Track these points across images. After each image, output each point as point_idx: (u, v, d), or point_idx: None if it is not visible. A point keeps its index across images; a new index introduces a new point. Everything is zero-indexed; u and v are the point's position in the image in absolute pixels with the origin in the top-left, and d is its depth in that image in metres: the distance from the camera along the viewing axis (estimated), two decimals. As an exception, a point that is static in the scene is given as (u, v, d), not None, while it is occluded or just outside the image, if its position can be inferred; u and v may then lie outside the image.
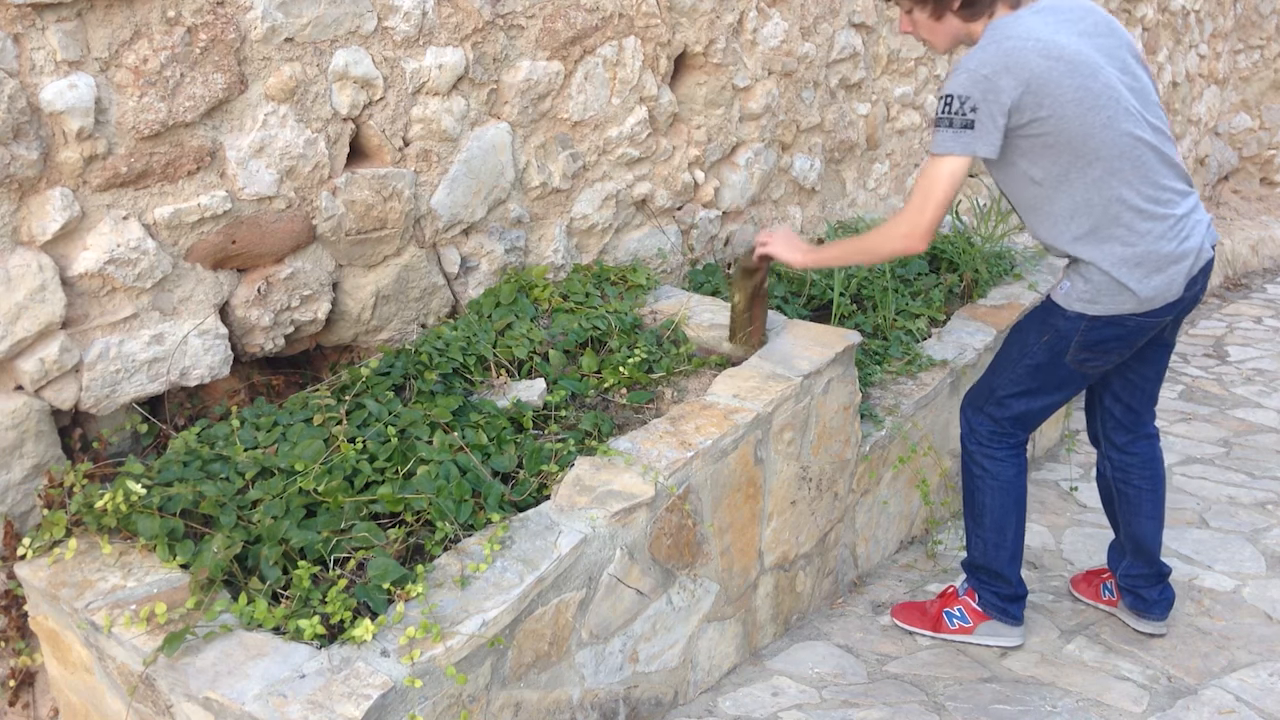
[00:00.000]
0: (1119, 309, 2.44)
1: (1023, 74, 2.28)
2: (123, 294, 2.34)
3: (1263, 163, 8.11)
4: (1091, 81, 2.32)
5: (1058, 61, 2.30)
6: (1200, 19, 7.21)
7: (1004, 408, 2.68)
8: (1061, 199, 2.40)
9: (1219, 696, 2.58)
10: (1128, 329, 2.47)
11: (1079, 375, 2.59)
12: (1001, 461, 2.72)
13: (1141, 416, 2.77)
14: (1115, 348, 2.52)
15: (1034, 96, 2.28)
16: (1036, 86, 2.28)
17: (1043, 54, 2.29)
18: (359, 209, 2.69)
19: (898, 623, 2.95)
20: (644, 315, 3.12)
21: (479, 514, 2.24)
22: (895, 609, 2.99)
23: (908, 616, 2.95)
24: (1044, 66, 2.28)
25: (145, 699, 1.92)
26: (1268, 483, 3.79)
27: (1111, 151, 2.34)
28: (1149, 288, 2.40)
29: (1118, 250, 2.39)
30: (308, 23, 2.50)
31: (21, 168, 2.11)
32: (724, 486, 2.56)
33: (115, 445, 2.43)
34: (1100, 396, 2.78)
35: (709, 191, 3.80)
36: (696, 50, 3.58)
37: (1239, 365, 5.22)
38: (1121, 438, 2.78)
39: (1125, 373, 2.70)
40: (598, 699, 2.31)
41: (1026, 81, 2.28)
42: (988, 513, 2.76)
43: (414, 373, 2.65)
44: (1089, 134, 2.32)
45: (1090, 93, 2.31)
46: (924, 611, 2.93)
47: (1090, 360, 2.55)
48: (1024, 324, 2.66)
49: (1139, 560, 2.83)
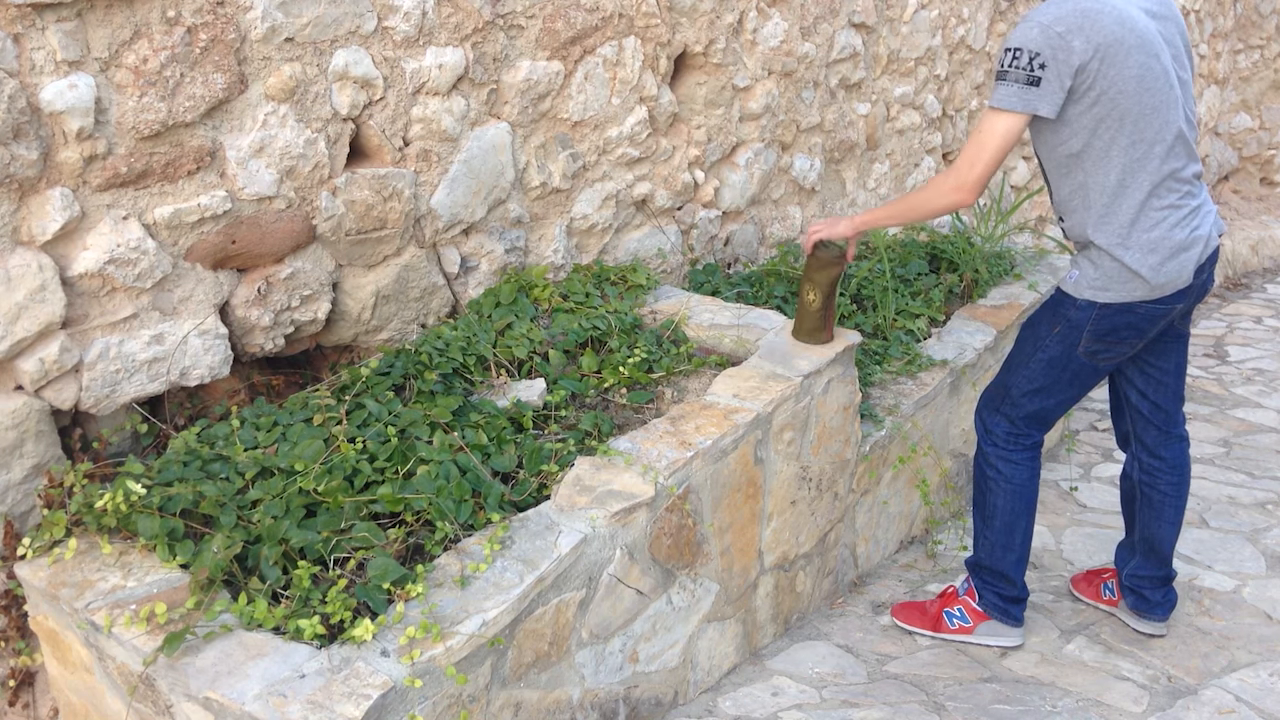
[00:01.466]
0: (1129, 296, 2.42)
1: (1096, 38, 2.23)
2: (123, 294, 2.34)
3: (1263, 163, 8.12)
4: (1154, 62, 2.30)
5: (1130, 33, 2.26)
6: (1200, 19, 7.21)
7: (1020, 406, 2.66)
8: (1098, 174, 2.38)
9: (1219, 696, 2.58)
10: (1138, 316, 2.46)
11: (1091, 368, 2.57)
12: (1017, 465, 2.70)
13: (1172, 415, 2.74)
14: (1127, 337, 2.50)
15: (1101, 64, 2.25)
16: (1106, 53, 2.24)
17: (1118, 22, 2.25)
18: (359, 209, 2.69)
19: (897, 622, 2.95)
20: (644, 315, 3.12)
21: (479, 514, 2.24)
22: (895, 608, 2.99)
23: (907, 616, 2.95)
24: (1117, 35, 2.25)
25: (145, 699, 1.92)
26: (1268, 483, 3.79)
27: (1156, 135, 2.33)
28: (1161, 274, 2.39)
29: (1139, 236, 2.38)
30: (308, 23, 2.50)
31: (21, 168, 2.11)
32: (724, 486, 2.56)
33: (115, 445, 2.43)
34: (1126, 395, 2.76)
35: (709, 191, 3.80)
36: (696, 50, 3.58)
37: (1239, 365, 5.22)
38: (1152, 437, 2.75)
39: (1144, 368, 2.69)
40: (598, 699, 2.31)
41: (1098, 46, 2.23)
42: (998, 515, 2.74)
43: (414, 373, 2.65)
44: (1141, 114, 2.31)
45: (1151, 73, 2.29)
46: (924, 611, 2.93)
47: (1102, 352, 2.53)
48: (1035, 318, 2.64)
49: (1150, 562, 2.82)
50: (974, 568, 2.86)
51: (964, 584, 2.90)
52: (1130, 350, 2.56)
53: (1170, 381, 2.72)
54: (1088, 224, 2.43)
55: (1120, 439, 2.87)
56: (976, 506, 2.81)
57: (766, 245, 4.13)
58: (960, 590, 2.90)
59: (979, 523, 2.81)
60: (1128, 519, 2.89)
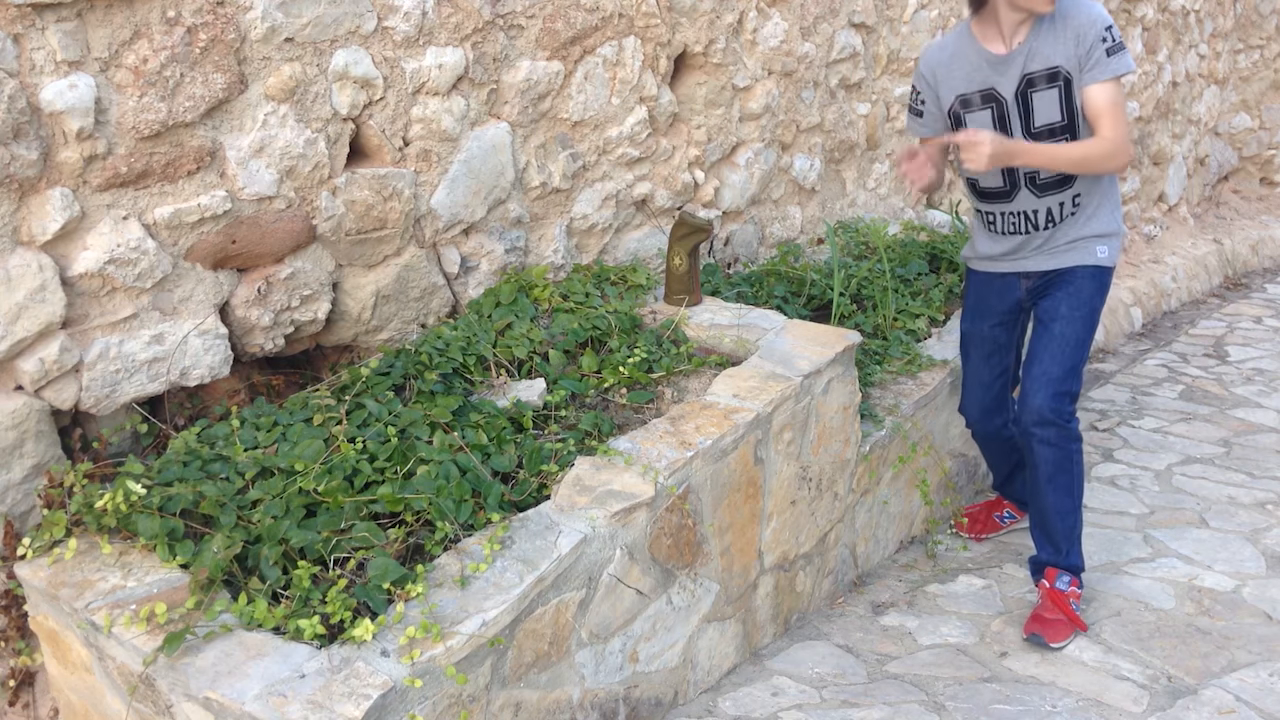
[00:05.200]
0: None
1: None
2: (123, 294, 2.34)
3: (1263, 163, 8.11)
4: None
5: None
6: (1200, 19, 7.21)
7: (1080, 378, 2.87)
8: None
9: (1219, 696, 2.57)
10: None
11: None
12: (1078, 425, 2.88)
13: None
14: None
15: None
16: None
17: None
18: (359, 209, 2.69)
19: (1056, 646, 2.79)
20: (644, 315, 3.12)
21: (479, 514, 2.24)
22: (1045, 634, 2.81)
23: (1057, 633, 2.81)
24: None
25: (145, 699, 1.92)
26: (1268, 483, 3.79)
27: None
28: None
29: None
30: (308, 23, 2.50)
31: (21, 168, 2.11)
32: (724, 486, 2.56)
33: (115, 445, 2.43)
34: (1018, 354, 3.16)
35: (709, 191, 3.80)
36: (696, 50, 3.58)
37: (1239, 365, 5.22)
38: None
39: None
40: (598, 699, 2.31)
41: None
42: (1080, 480, 2.89)
43: (414, 373, 2.65)
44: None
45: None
46: (1063, 620, 2.83)
47: None
48: (1086, 299, 2.86)
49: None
50: (1073, 551, 2.89)
51: (1064, 579, 2.88)
52: None
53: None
54: (1107, 197, 2.86)
55: (991, 409, 3.21)
56: (1068, 495, 2.87)
57: (766, 245, 4.13)
58: (1064, 585, 2.88)
59: (1069, 504, 2.87)
60: (1013, 465, 3.32)
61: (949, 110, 2.91)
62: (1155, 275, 6.45)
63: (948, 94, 2.90)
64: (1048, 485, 2.85)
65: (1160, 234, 7.01)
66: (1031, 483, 2.91)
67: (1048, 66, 2.71)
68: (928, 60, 2.94)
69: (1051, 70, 2.71)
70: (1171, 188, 7.24)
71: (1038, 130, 2.77)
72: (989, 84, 2.80)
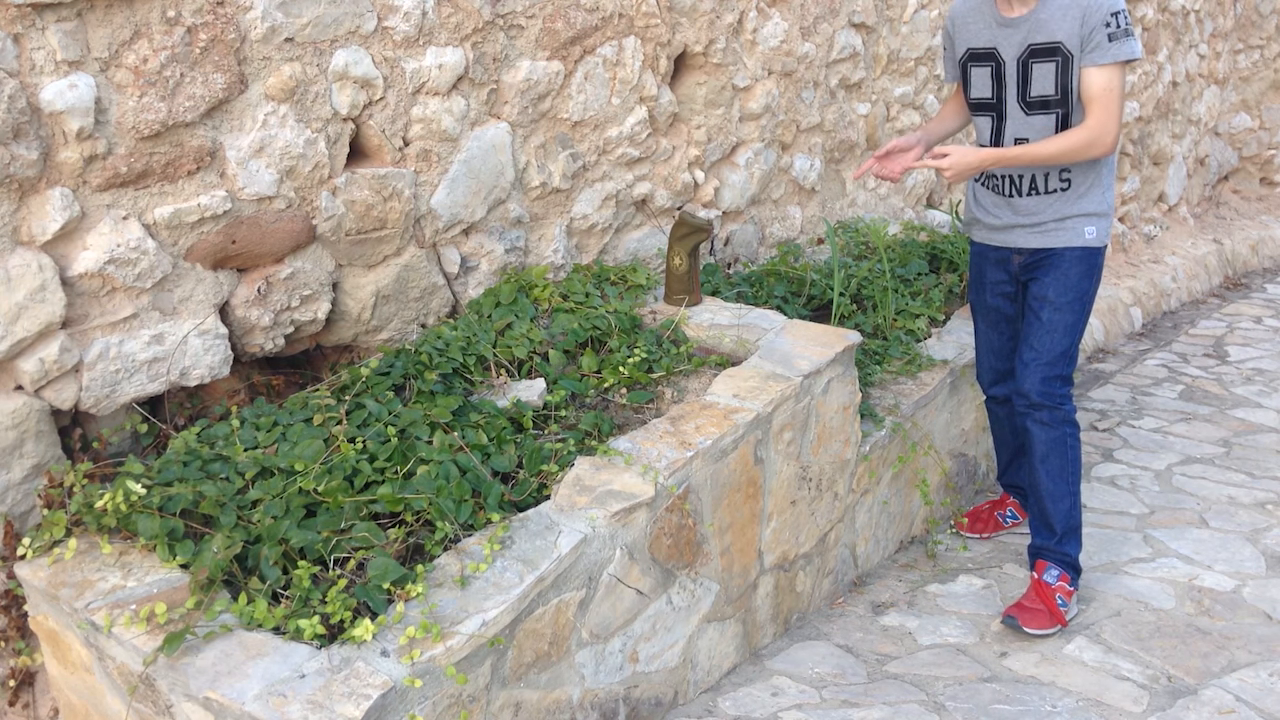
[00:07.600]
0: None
1: None
2: (123, 294, 2.34)
3: (1263, 163, 8.11)
4: None
5: None
6: (1200, 19, 7.21)
7: (1073, 360, 2.88)
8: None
9: (1219, 696, 2.57)
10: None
11: None
12: (1073, 409, 2.90)
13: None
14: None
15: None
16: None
17: None
18: (359, 209, 2.69)
19: (1031, 631, 2.81)
20: (644, 315, 3.12)
21: (479, 514, 2.24)
22: (1021, 618, 2.83)
23: (1037, 621, 2.83)
24: None
25: (145, 699, 1.92)
26: (1268, 483, 3.79)
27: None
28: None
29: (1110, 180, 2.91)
30: (308, 23, 2.50)
31: (21, 168, 2.11)
32: (724, 486, 2.56)
33: (115, 445, 2.43)
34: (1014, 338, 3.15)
35: (709, 191, 3.80)
36: (696, 50, 3.58)
37: (1239, 365, 5.22)
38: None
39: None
40: (598, 699, 2.31)
41: None
42: (1076, 464, 2.89)
43: (414, 373, 2.65)
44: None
45: None
46: (1044, 610, 2.84)
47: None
48: (1074, 281, 2.87)
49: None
50: (1068, 540, 2.89)
51: (1053, 573, 2.88)
52: None
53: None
54: (1100, 176, 2.84)
55: (1004, 374, 3.22)
56: (1063, 479, 2.88)
57: (766, 245, 4.13)
58: (1053, 579, 2.88)
59: (1063, 488, 2.88)
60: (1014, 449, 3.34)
61: (960, 61, 2.98)
62: (1155, 275, 6.45)
63: (961, 46, 2.97)
64: (1041, 466, 2.89)
65: (1160, 234, 7.01)
66: (1028, 468, 2.95)
67: (1050, 40, 2.75)
68: (954, 9, 3.01)
69: (1052, 45, 2.74)
70: (1171, 188, 7.24)
71: (1032, 100, 2.82)
72: (994, 43, 2.86)
